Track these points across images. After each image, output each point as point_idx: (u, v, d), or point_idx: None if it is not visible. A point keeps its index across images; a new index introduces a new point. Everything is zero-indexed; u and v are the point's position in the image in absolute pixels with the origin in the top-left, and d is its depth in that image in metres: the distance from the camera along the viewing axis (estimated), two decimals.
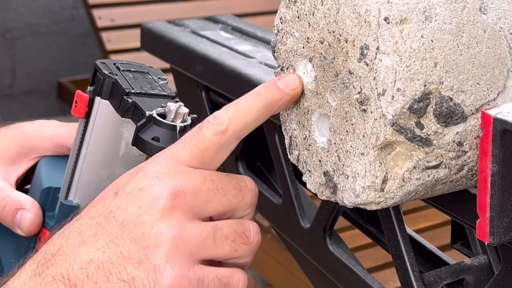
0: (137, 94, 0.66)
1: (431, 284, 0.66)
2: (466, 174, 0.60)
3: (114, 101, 0.67)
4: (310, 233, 0.81)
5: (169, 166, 0.59)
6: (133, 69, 0.70)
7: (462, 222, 0.66)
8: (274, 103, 0.62)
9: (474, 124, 0.58)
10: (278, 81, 0.63)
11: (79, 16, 3.73)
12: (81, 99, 0.69)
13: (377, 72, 0.56)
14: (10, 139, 0.79)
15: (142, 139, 0.63)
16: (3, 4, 3.58)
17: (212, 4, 3.34)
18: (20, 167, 0.79)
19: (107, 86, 0.68)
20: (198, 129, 0.60)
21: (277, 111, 0.63)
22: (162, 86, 0.69)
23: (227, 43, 1.00)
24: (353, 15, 0.57)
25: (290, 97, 0.63)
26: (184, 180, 0.58)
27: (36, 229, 0.74)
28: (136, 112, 0.65)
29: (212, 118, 0.60)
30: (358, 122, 0.58)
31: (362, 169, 0.58)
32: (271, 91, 0.62)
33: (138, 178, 0.59)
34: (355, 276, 0.75)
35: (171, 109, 0.63)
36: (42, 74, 3.74)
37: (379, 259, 2.10)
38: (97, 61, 0.70)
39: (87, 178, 0.71)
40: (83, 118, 0.70)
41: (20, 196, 0.75)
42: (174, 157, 0.59)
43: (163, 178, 0.58)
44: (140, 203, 0.57)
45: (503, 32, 0.59)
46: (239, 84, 0.89)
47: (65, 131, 0.79)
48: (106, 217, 0.58)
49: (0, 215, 0.75)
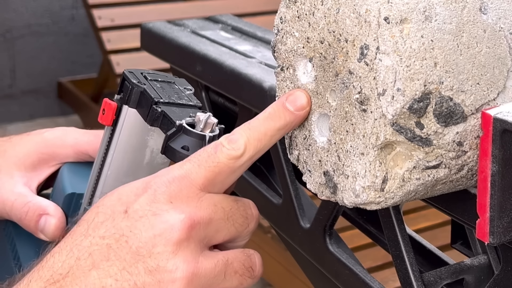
0: (166, 104, 0.67)
1: (431, 284, 0.66)
2: (466, 174, 0.60)
3: (142, 110, 0.68)
4: (310, 233, 0.81)
5: (183, 190, 0.59)
6: (160, 79, 0.71)
7: (462, 222, 0.66)
8: (286, 126, 0.62)
9: (474, 124, 0.58)
10: (286, 101, 0.63)
11: (79, 16, 3.73)
12: (109, 107, 0.70)
13: (377, 72, 0.56)
14: (32, 145, 0.79)
15: (172, 147, 0.63)
16: (3, 4, 3.58)
17: (212, 4, 3.35)
18: (41, 173, 0.79)
19: (135, 95, 0.69)
20: (213, 151, 0.60)
21: (289, 132, 0.64)
22: (188, 96, 0.70)
23: (227, 43, 1.00)
24: (353, 15, 0.57)
25: (301, 118, 0.63)
26: (197, 208, 0.58)
27: (60, 234, 0.74)
28: (165, 121, 0.66)
29: (227, 142, 0.60)
30: (358, 122, 0.58)
31: (362, 169, 0.58)
32: (283, 115, 0.62)
33: (150, 198, 0.58)
34: (355, 276, 0.75)
35: (200, 119, 0.64)
36: (42, 74, 3.74)
37: (379, 259, 2.10)
38: (125, 70, 0.71)
39: (112, 185, 0.71)
40: (110, 125, 0.71)
41: (43, 202, 0.76)
42: (188, 178, 0.59)
43: (177, 204, 0.58)
44: (155, 230, 0.57)
45: (503, 32, 0.59)
46: (239, 84, 0.89)
47: (87, 138, 0.79)
48: (117, 240, 0.57)
49: (23, 220, 0.75)
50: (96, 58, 3.63)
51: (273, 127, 0.61)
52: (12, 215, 0.76)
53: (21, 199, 0.76)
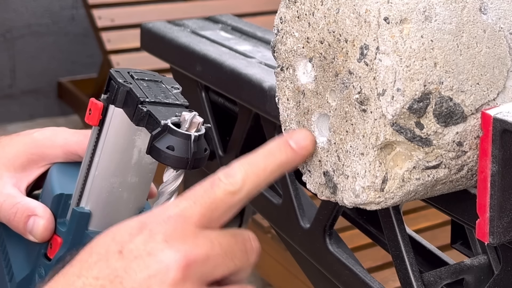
0: (152, 103, 0.67)
1: (431, 284, 0.66)
2: (466, 174, 0.60)
3: (128, 109, 0.68)
4: (310, 233, 0.81)
5: (178, 228, 0.57)
6: (147, 78, 0.71)
7: (462, 222, 0.66)
8: (287, 164, 0.61)
9: (474, 124, 0.58)
10: (289, 139, 0.61)
11: (79, 16, 3.73)
12: (95, 107, 0.70)
13: (377, 72, 0.56)
14: (21, 146, 0.79)
15: (157, 147, 0.63)
16: (3, 4, 3.58)
17: (212, 4, 3.34)
18: (31, 174, 0.79)
19: (121, 94, 0.68)
20: (210, 186, 0.58)
21: (290, 170, 0.62)
22: (175, 95, 0.70)
23: (227, 43, 1.00)
24: (353, 15, 0.57)
25: (302, 158, 0.62)
26: (193, 246, 0.57)
27: (49, 235, 0.74)
28: (150, 120, 0.65)
29: (225, 177, 0.58)
30: (358, 122, 0.58)
31: (362, 169, 0.58)
32: (284, 152, 0.60)
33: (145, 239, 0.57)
34: (355, 276, 0.75)
35: (186, 119, 0.64)
36: (42, 74, 3.73)
37: (379, 259, 2.10)
38: (111, 69, 0.70)
39: (100, 185, 0.71)
40: (97, 125, 0.70)
41: (31, 203, 0.75)
42: (183, 216, 0.58)
43: (173, 243, 0.57)
44: (149, 271, 0.56)
45: (503, 32, 0.59)
46: (239, 84, 0.89)
47: (76, 138, 0.78)
48: (112, 281, 0.56)
49: (11, 221, 0.75)
50: (96, 58, 3.63)
51: (273, 163, 0.60)
52: (1, 216, 0.76)
53: (10, 200, 0.75)
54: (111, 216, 0.72)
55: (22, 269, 0.76)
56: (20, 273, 0.76)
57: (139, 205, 0.73)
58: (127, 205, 0.72)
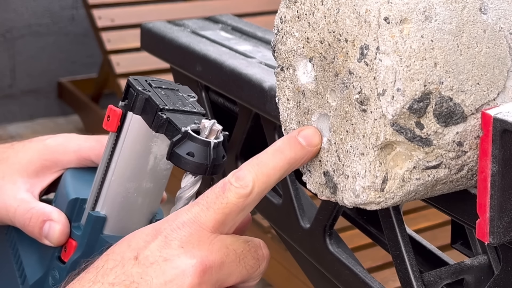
0: (170, 111, 0.68)
1: (431, 284, 0.66)
2: (466, 174, 0.60)
3: (147, 116, 0.69)
4: (310, 233, 0.81)
5: (193, 234, 0.58)
6: (164, 86, 0.73)
7: (462, 222, 0.66)
8: (296, 161, 0.61)
9: (474, 124, 0.58)
10: (298, 136, 0.61)
11: (79, 16, 3.73)
12: (113, 114, 0.71)
13: (377, 72, 0.56)
14: (35, 152, 0.80)
15: (178, 153, 0.64)
16: (3, 4, 3.58)
17: (212, 4, 3.35)
18: (44, 179, 0.79)
19: (140, 101, 0.69)
20: (221, 191, 0.59)
21: (298, 167, 0.62)
22: (192, 103, 0.71)
23: (227, 43, 1.00)
24: (353, 15, 0.57)
25: (311, 155, 0.62)
26: (209, 252, 0.57)
27: (65, 239, 0.74)
28: (170, 127, 0.67)
29: (235, 180, 0.59)
30: (358, 122, 0.58)
31: (362, 169, 0.58)
32: (294, 149, 0.61)
33: (160, 245, 0.58)
34: (355, 276, 0.75)
35: (205, 126, 0.65)
36: (42, 74, 3.74)
37: (379, 259, 2.10)
38: (129, 77, 0.72)
39: (115, 190, 0.72)
40: (115, 132, 0.71)
41: (46, 208, 0.76)
42: (197, 222, 0.58)
43: (188, 249, 0.57)
44: (166, 277, 0.56)
45: (503, 32, 0.59)
46: (239, 84, 0.89)
47: (89, 144, 0.79)
48: (128, 287, 0.56)
49: (26, 226, 0.76)
50: (96, 58, 3.63)
51: (282, 161, 0.60)
52: (16, 221, 0.76)
53: (24, 205, 0.76)
54: (126, 221, 0.73)
55: (35, 272, 0.76)
56: (33, 276, 0.76)
57: (153, 210, 0.74)
58: (141, 210, 0.73)
